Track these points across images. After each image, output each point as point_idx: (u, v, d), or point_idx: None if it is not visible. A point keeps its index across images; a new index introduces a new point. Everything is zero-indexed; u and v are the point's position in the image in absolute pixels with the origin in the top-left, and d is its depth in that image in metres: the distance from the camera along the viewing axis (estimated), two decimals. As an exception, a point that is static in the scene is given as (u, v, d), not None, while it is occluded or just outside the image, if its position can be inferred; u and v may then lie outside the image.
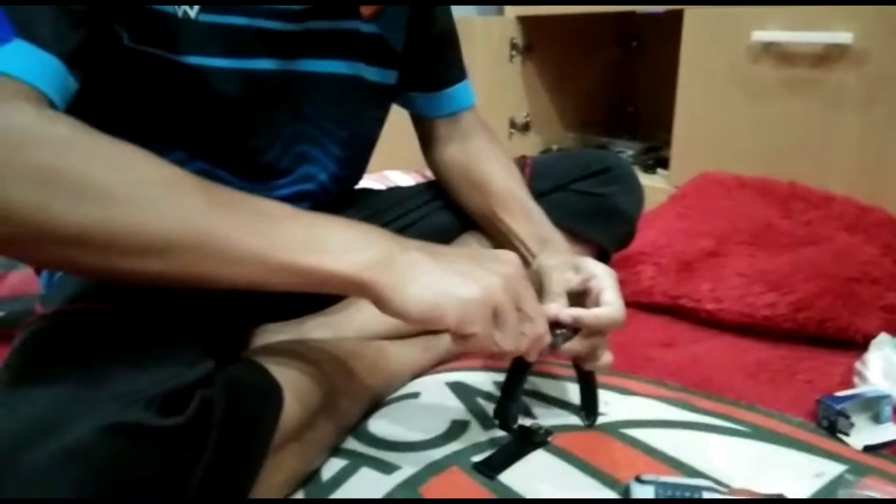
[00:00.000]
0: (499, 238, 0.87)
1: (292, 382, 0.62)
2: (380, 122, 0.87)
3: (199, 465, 0.48)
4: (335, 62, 0.76)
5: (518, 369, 0.69)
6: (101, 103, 0.61)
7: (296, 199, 0.79)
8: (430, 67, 0.89)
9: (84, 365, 0.49)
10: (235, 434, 0.52)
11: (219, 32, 0.66)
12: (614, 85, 2.10)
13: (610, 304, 0.68)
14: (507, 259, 0.58)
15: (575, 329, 0.68)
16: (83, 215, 0.45)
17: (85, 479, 0.43)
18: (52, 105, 0.52)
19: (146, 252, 0.47)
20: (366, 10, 0.77)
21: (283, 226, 0.52)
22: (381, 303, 0.53)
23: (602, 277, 0.70)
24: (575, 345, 0.68)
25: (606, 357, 0.71)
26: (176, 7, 0.63)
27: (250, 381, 0.58)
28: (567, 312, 0.67)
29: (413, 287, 0.52)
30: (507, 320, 0.55)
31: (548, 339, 0.61)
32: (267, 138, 0.74)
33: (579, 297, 0.71)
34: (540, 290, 0.72)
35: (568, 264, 0.73)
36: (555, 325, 0.66)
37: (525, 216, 0.84)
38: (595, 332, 0.68)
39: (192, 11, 0.64)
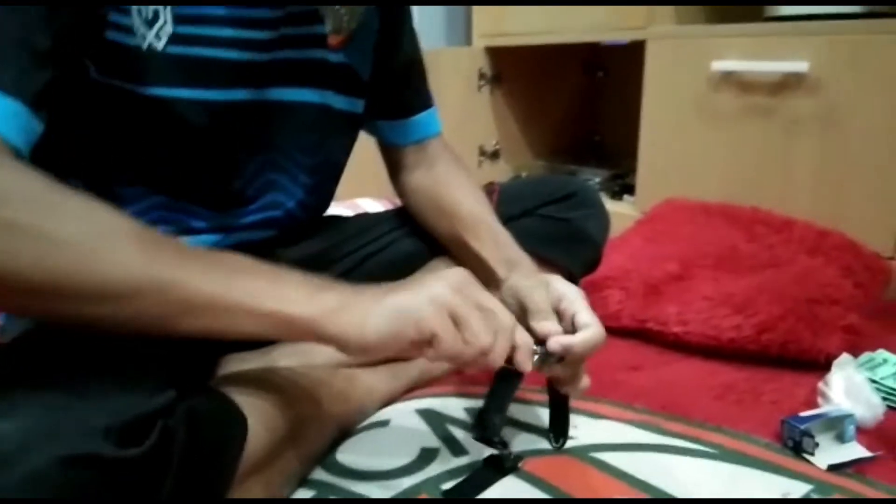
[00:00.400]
0: (467, 262, 0.87)
1: (257, 411, 0.61)
2: (347, 149, 0.87)
3: (159, 496, 0.47)
4: (303, 91, 0.76)
5: (504, 377, 0.67)
6: (64, 137, 0.61)
7: (262, 227, 0.79)
8: (397, 95, 0.90)
9: (42, 394, 0.48)
10: (197, 465, 0.51)
11: (186, 64, 0.66)
12: (581, 114, 2.14)
13: (590, 325, 0.69)
14: (452, 271, 0.61)
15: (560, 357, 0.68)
16: (49, 267, 0.47)
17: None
18: (16, 151, 0.52)
19: (110, 299, 0.49)
20: (333, 40, 0.77)
21: (245, 275, 0.54)
22: (341, 344, 0.56)
23: (573, 299, 0.71)
24: (559, 369, 0.69)
25: (585, 381, 0.72)
26: (140, 40, 0.63)
27: (213, 411, 0.57)
28: (556, 341, 0.67)
29: (368, 320, 0.55)
30: (468, 317, 0.57)
31: (530, 341, 0.62)
32: (234, 167, 0.74)
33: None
34: (519, 312, 0.72)
35: (543, 284, 0.73)
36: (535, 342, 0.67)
37: (492, 240, 0.85)
38: (578, 356, 0.69)
39: (159, 44, 0.64)
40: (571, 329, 0.69)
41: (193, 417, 0.52)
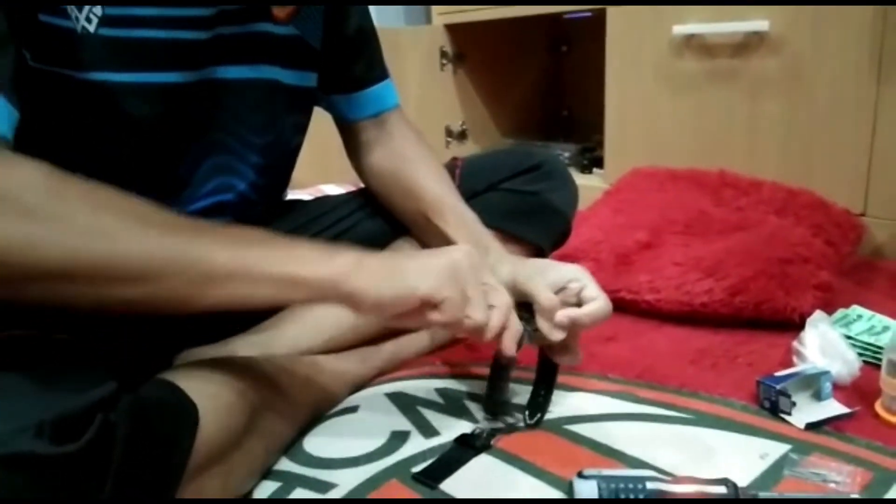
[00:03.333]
0: (434, 244, 0.84)
1: (213, 401, 0.58)
2: (301, 127, 0.84)
3: (100, 495, 0.44)
4: (249, 67, 0.73)
5: (499, 364, 0.73)
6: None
7: (214, 211, 0.76)
8: (350, 67, 0.87)
9: None
10: (142, 459, 0.48)
11: (122, 46, 0.63)
12: (548, 89, 2.12)
13: (596, 298, 0.69)
14: (462, 247, 0.65)
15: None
16: (69, 251, 0.48)
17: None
18: (5, 141, 0.53)
19: (132, 279, 0.51)
20: (280, 13, 0.74)
21: (260, 245, 0.57)
22: (358, 301, 0.58)
23: (580, 277, 0.71)
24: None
25: (579, 354, 0.73)
26: (74, 22, 0.59)
27: (160, 402, 0.54)
28: (564, 314, 0.68)
29: (384, 278, 0.58)
30: (474, 291, 0.60)
31: (519, 327, 0.64)
32: (179, 151, 0.71)
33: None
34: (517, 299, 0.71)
35: (540, 271, 0.72)
36: (524, 316, 0.68)
37: (459, 221, 0.82)
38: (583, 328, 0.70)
39: (91, 26, 0.60)
40: (577, 304, 0.70)
41: (137, 409, 0.49)
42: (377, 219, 0.91)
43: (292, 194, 0.96)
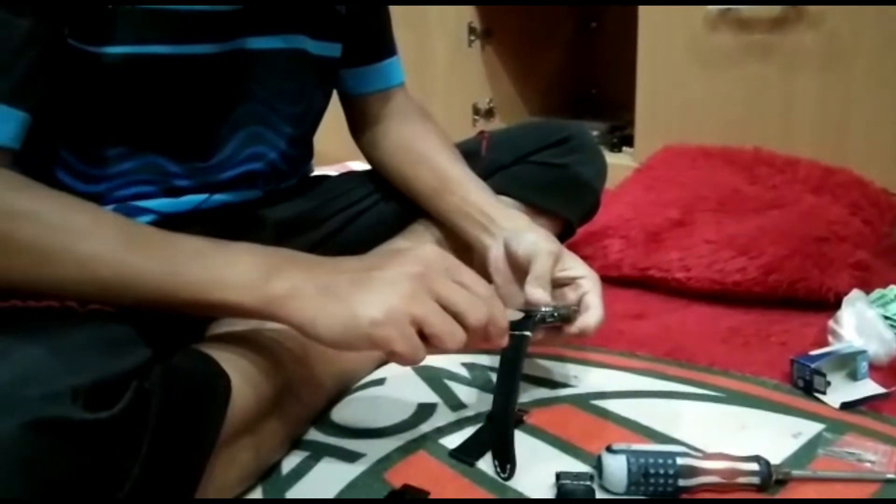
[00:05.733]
0: (448, 214, 0.83)
1: (244, 372, 0.59)
2: (327, 95, 0.85)
3: (134, 462, 0.45)
4: (278, 37, 0.73)
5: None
6: (49, 103, 0.59)
7: (245, 182, 0.76)
8: (361, 40, 0.86)
9: (6, 360, 0.45)
10: (176, 428, 0.48)
11: (155, 19, 0.63)
12: (576, 67, 2.08)
13: (595, 307, 0.68)
14: (418, 256, 0.56)
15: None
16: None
17: (6, 479, 0.39)
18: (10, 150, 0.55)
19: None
20: None
21: (192, 263, 0.53)
22: (298, 330, 0.54)
23: (589, 280, 0.70)
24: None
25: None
26: None
27: (194, 372, 0.54)
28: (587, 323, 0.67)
29: (319, 318, 0.52)
30: (431, 319, 0.52)
31: (505, 321, 0.57)
32: (213, 121, 0.72)
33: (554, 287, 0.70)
34: (522, 263, 0.71)
35: (554, 253, 0.71)
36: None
37: (477, 186, 0.82)
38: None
39: None
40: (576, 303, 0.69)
41: (171, 378, 0.50)
42: (392, 202, 0.90)
43: (319, 170, 0.96)
